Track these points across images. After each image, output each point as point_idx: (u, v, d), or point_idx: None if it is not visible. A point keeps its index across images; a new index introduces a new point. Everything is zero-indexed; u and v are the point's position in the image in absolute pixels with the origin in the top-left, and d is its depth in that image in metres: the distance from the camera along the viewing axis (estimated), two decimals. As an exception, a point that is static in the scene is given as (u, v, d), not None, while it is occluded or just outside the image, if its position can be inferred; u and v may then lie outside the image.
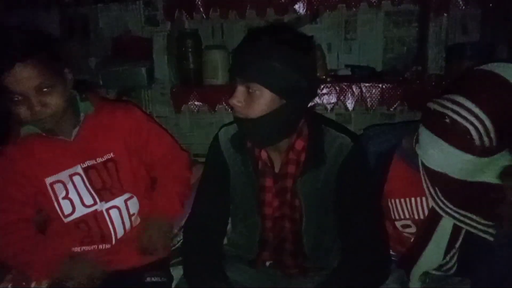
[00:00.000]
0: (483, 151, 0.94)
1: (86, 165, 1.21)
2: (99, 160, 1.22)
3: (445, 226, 1.08)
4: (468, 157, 0.96)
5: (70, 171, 1.20)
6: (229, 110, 1.80)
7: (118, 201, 1.25)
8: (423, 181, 1.08)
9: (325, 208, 1.09)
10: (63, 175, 1.20)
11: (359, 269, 1.02)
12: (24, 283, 1.19)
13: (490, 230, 1.02)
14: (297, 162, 1.08)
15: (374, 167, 1.14)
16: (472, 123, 0.93)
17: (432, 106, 1.00)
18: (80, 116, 1.20)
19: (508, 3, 1.58)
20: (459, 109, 0.94)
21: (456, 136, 0.95)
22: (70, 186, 1.20)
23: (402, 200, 1.14)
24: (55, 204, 1.20)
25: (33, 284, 1.18)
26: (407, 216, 1.14)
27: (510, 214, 0.96)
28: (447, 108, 0.96)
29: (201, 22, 1.87)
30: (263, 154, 1.10)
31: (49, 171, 1.19)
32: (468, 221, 1.04)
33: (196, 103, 1.82)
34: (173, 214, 1.31)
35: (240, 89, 0.99)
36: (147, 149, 1.31)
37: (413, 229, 1.16)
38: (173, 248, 1.40)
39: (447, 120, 0.96)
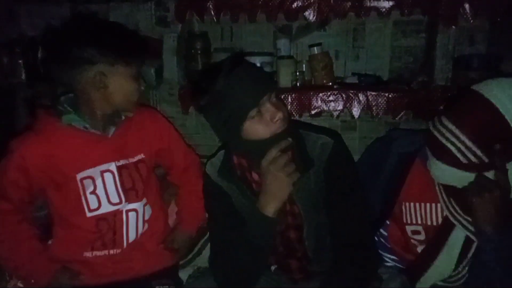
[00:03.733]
0: (475, 167, 0.97)
1: (121, 163, 1.24)
2: (131, 160, 1.27)
3: (458, 236, 1.09)
4: (464, 173, 0.99)
5: (103, 167, 1.21)
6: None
7: (138, 205, 1.28)
8: (438, 190, 1.10)
9: (321, 209, 1.11)
10: (95, 171, 1.20)
11: (349, 266, 1.05)
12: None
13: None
14: None
15: (394, 167, 1.16)
16: (453, 143, 0.98)
17: (431, 128, 1.05)
18: (121, 116, 1.26)
19: (516, 18, 1.60)
20: (444, 130, 0.99)
21: (446, 156, 1.00)
22: (98, 182, 1.21)
23: (417, 204, 1.15)
24: (82, 198, 1.20)
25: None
26: (419, 222, 1.16)
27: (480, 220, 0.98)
28: (438, 130, 1.01)
29: (210, 24, 1.88)
30: (255, 176, 1.10)
31: (81, 167, 1.19)
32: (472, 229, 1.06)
33: (203, 104, 1.84)
34: (196, 230, 1.45)
35: (271, 103, 0.99)
36: (168, 154, 1.38)
37: (422, 236, 1.17)
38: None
39: (440, 141, 1.01)
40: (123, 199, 1.24)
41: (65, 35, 1.13)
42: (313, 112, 1.73)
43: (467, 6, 1.61)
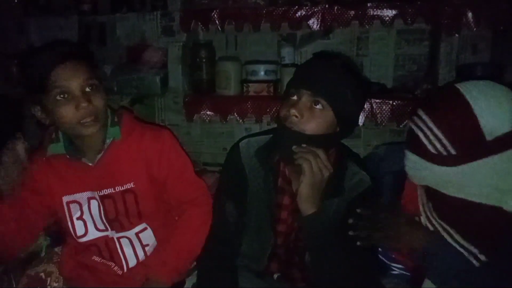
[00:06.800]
0: (443, 160, 0.95)
1: (103, 193, 1.18)
2: (118, 189, 1.18)
3: None
4: (430, 165, 0.97)
5: (89, 194, 1.19)
6: (241, 120, 1.83)
7: (129, 233, 1.22)
8: (419, 197, 1.08)
9: (328, 230, 1.07)
10: (81, 197, 1.19)
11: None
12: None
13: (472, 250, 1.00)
14: None
15: (391, 187, 1.15)
16: (421, 129, 0.97)
17: (409, 122, 1.04)
18: (106, 142, 1.17)
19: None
20: (417, 120, 0.98)
21: (416, 145, 0.98)
22: (85, 208, 1.19)
23: (416, 218, 1.15)
24: (69, 223, 1.20)
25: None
26: None
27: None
28: (412, 120, 1.00)
29: (215, 33, 1.90)
30: (286, 170, 1.11)
31: (67, 190, 1.18)
32: (447, 236, 1.04)
33: (208, 112, 1.85)
34: (172, 282, 1.23)
35: (304, 102, 1.00)
36: (167, 185, 1.24)
37: None
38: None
39: (413, 132, 1.00)
40: (109, 228, 1.21)
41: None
42: (317, 120, 1.73)
43: (470, 14, 1.61)
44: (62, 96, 1.03)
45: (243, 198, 1.15)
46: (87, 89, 1.06)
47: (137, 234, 1.23)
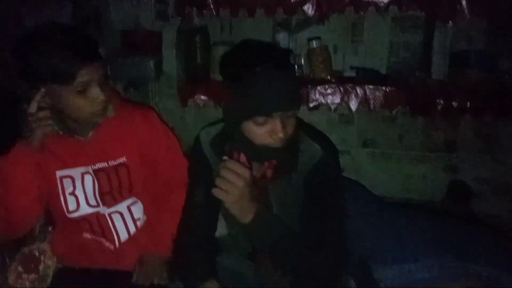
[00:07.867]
0: None
1: (97, 167, 1.21)
2: (111, 163, 1.22)
3: None
4: None
5: (82, 169, 1.21)
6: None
7: (121, 207, 1.25)
8: None
9: (294, 213, 1.08)
10: (75, 172, 1.21)
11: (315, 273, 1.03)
12: (32, 265, 1.21)
13: None
14: (274, 167, 1.08)
15: None
16: None
17: None
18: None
19: (512, 15, 1.61)
20: None
21: None
22: (78, 183, 1.21)
23: None
24: (61, 198, 1.21)
25: (41, 266, 1.20)
26: None
27: None
28: None
29: (210, 18, 1.90)
30: (242, 158, 1.07)
31: (60, 165, 1.20)
32: None
33: (202, 97, 1.85)
34: (169, 252, 1.26)
35: (280, 122, 0.96)
36: (154, 163, 1.28)
37: None
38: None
39: None
40: (100, 203, 1.23)
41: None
42: (311, 105, 1.74)
43: (464, 2, 1.62)
44: (82, 90, 1.07)
45: (211, 185, 1.15)
46: (102, 82, 1.12)
47: (128, 207, 1.26)
